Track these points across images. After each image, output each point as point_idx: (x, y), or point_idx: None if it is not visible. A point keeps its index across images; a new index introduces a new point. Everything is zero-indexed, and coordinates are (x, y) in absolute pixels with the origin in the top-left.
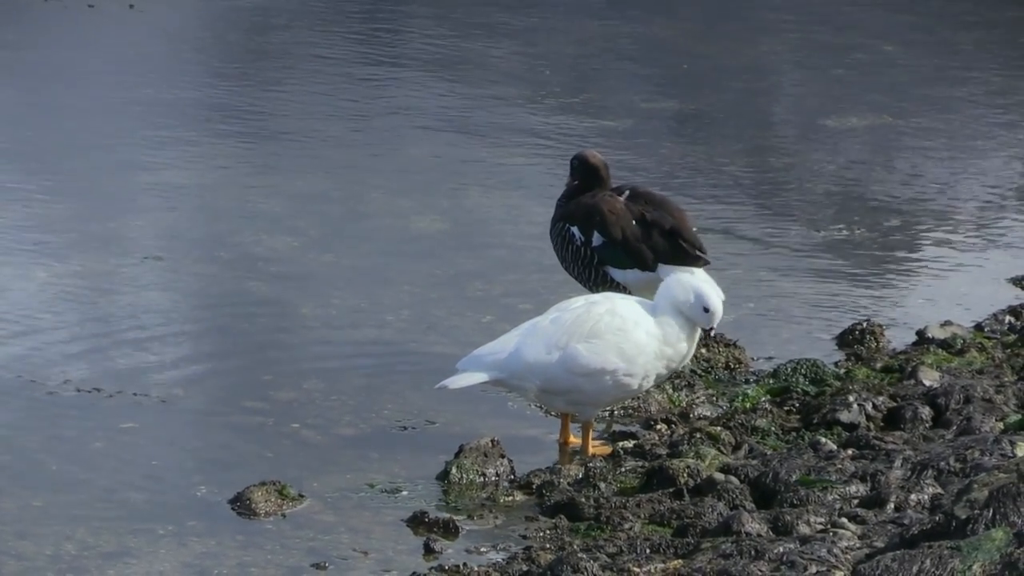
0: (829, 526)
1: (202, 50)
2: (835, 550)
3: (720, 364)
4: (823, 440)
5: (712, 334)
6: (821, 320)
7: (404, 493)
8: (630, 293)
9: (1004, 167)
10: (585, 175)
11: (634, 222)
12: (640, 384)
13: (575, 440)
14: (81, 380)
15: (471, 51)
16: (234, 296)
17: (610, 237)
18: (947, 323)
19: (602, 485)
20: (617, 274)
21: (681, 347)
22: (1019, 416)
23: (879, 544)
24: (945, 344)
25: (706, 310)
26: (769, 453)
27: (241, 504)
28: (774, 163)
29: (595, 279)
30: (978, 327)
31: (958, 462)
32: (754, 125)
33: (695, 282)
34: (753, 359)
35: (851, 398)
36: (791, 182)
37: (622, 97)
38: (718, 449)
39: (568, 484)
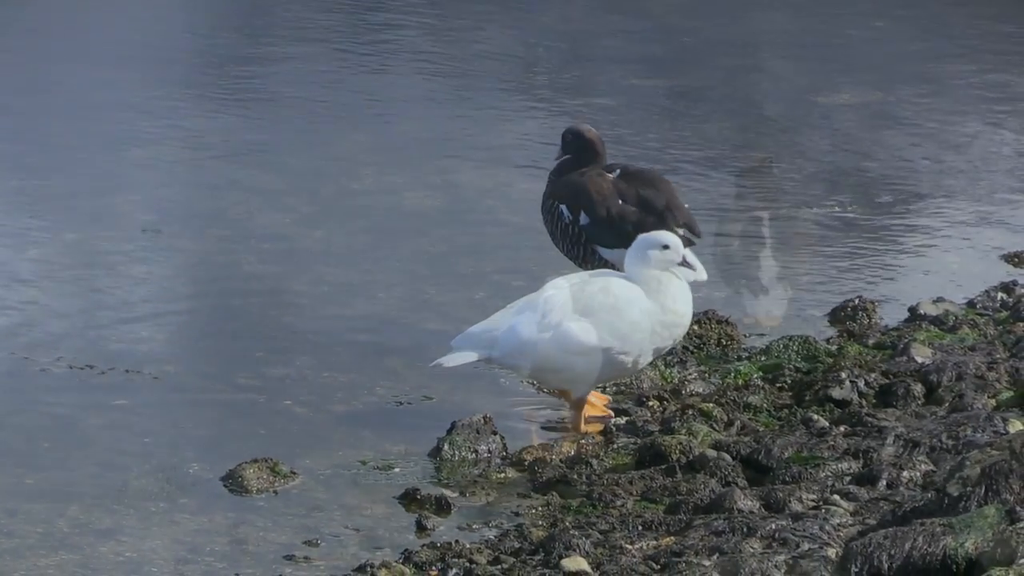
0: (821, 503)
1: (196, 28)
2: (827, 527)
3: (712, 341)
4: (815, 417)
5: (694, 269)
6: (813, 297)
7: (396, 470)
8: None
9: (995, 144)
10: (579, 149)
11: (620, 201)
12: (635, 361)
13: (588, 429)
14: (73, 357)
15: (463, 28)
16: (226, 273)
17: (596, 217)
18: (939, 300)
19: (594, 462)
20: (605, 252)
21: (680, 307)
22: (1011, 393)
23: (871, 521)
24: (937, 321)
25: (665, 247)
26: (761, 430)
27: (233, 481)
28: (765, 140)
29: (583, 257)
30: (970, 304)
31: (950, 439)
32: (745, 102)
33: (638, 240)
34: (745, 336)
35: (843, 375)
36: (782, 159)
37: (613, 74)
38: (710, 426)
39: (560, 461)
